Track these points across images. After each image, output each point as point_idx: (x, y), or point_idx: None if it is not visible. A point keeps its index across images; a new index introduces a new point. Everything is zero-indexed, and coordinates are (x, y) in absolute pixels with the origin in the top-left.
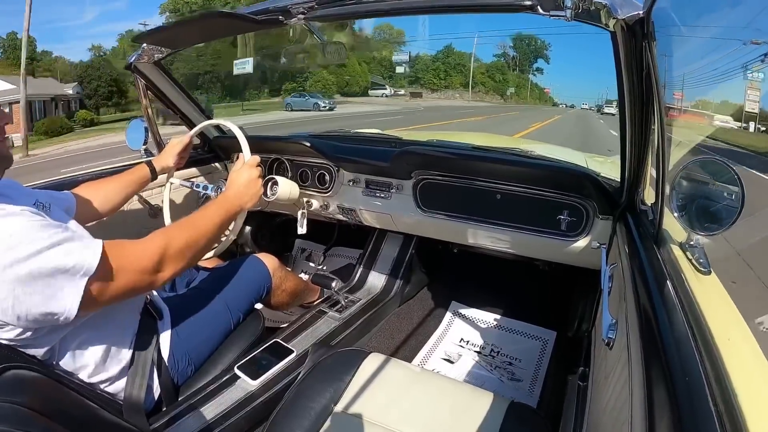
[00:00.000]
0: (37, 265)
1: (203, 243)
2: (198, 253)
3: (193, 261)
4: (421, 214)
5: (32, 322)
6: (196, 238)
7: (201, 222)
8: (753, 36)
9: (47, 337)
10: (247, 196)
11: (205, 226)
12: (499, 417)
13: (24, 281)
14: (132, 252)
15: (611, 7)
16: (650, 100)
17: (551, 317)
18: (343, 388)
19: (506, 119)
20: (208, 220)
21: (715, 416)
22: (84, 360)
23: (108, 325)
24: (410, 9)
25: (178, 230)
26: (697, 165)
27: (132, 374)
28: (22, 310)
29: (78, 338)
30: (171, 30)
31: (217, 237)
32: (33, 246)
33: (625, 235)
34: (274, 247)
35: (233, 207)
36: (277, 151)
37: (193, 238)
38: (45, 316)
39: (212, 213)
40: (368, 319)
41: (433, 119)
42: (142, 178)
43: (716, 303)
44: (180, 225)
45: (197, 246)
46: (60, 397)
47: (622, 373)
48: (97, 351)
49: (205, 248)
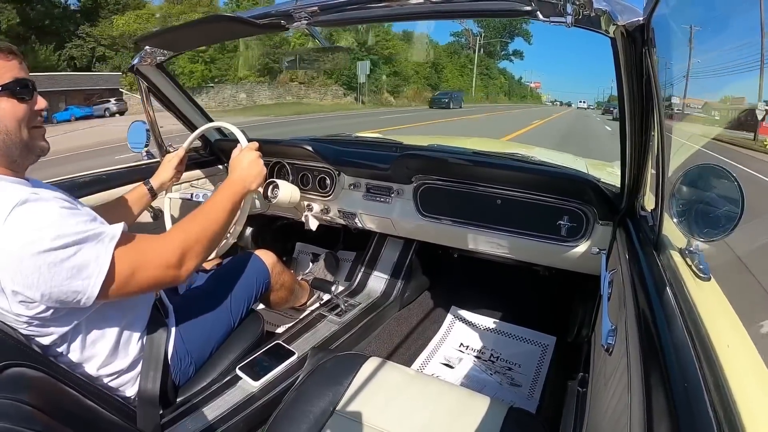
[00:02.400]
0: (65, 247)
1: (218, 231)
2: (215, 242)
3: (211, 250)
4: (422, 218)
5: (55, 301)
6: (211, 228)
7: (212, 211)
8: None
9: (63, 320)
10: (251, 176)
11: (216, 213)
12: (498, 422)
13: (51, 260)
14: (156, 246)
15: (611, 13)
16: (650, 106)
17: (551, 322)
18: (342, 391)
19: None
20: (219, 208)
21: (714, 423)
22: (94, 350)
23: (121, 317)
24: (411, 14)
25: (193, 223)
26: (696, 171)
27: (145, 368)
28: (47, 287)
29: (91, 327)
30: (174, 33)
31: (230, 222)
32: (64, 229)
33: (624, 240)
34: (275, 250)
35: (240, 189)
36: (278, 155)
37: (208, 227)
38: (67, 294)
39: (221, 199)
40: (368, 323)
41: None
42: (141, 199)
43: (716, 309)
44: (194, 218)
45: (214, 234)
46: (62, 395)
47: (622, 379)
48: (107, 342)
49: (220, 235)
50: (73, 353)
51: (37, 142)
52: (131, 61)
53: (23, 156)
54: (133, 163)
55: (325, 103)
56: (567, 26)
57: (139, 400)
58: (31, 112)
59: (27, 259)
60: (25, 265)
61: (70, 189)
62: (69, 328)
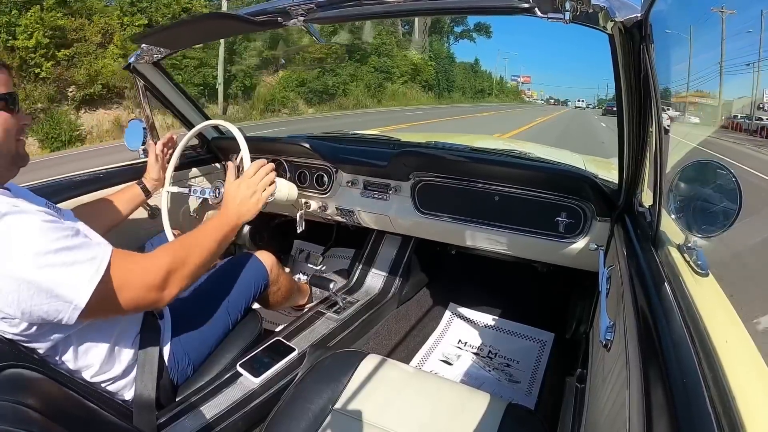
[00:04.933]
0: (46, 265)
1: (206, 260)
2: (201, 270)
3: (196, 278)
4: (420, 215)
5: (36, 318)
6: (199, 256)
7: (204, 239)
8: (751, 38)
9: (50, 335)
10: (245, 209)
11: (207, 243)
12: (496, 418)
13: (31, 279)
14: (140, 266)
15: (609, 9)
16: (648, 102)
17: (549, 319)
18: (341, 389)
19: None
20: (209, 238)
21: (713, 418)
22: (87, 360)
23: (112, 326)
24: (407, 11)
25: (182, 248)
26: (694, 167)
27: (140, 373)
28: (27, 305)
29: (82, 338)
30: (170, 30)
31: (219, 253)
32: (44, 246)
33: (622, 236)
34: (273, 247)
35: (234, 222)
36: (275, 152)
37: (197, 256)
38: (48, 314)
39: (212, 230)
40: (366, 320)
41: None
42: (135, 198)
43: (714, 305)
44: (183, 243)
45: (201, 262)
46: (60, 397)
47: (620, 375)
48: (101, 351)
49: (208, 264)
50: (66, 363)
51: (21, 153)
52: (128, 59)
53: (8, 168)
54: (131, 161)
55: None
56: (565, 22)
57: (136, 402)
58: (20, 125)
59: (5, 277)
60: (4, 283)
61: (67, 188)
62: (59, 340)
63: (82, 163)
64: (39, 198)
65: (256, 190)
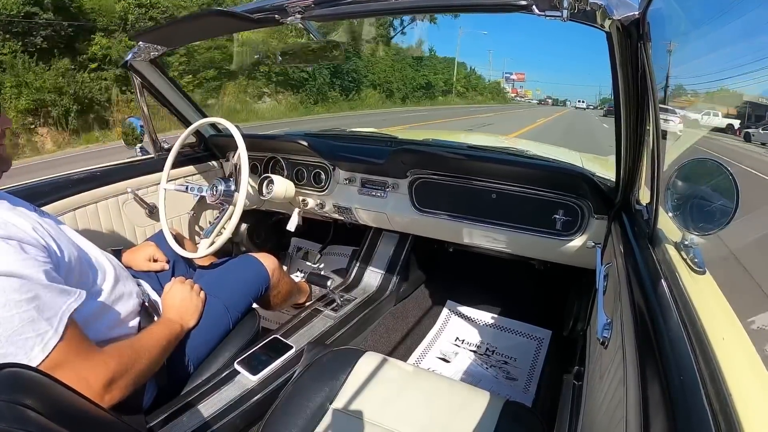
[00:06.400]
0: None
1: (152, 368)
2: (146, 376)
3: (139, 384)
4: (417, 213)
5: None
6: (146, 363)
7: (150, 345)
8: (748, 37)
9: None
10: (188, 313)
11: (155, 349)
12: (494, 416)
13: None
14: (88, 362)
15: (607, 7)
16: (645, 100)
17: (547, 316)
18: (338, 386)
19: None
20: (156, 344)
21: (709, 415)
22: None
23: (110, 325)
24: (405, 9)
25: (129, 355)
26: (691, 165)
27: None
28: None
29: None
30: (167, 28)
31: (163, 358)
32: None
33: (620, 234)
34: (270, 245)
35: (178, 329)
36: (272, 150)
37: (143, 363)
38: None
39: (159, 337)
40: (364, 317)
41: None
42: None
43: (711, 302)
44: (130, 349)
45: (145, 371)
46: (57, 396)
47: (617, 372)
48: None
49: (151, 371)
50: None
51: (4, 158)
52: (125, 57)
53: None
54: (127, 159)
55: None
56: (563, 20)
57: (134, 402)
58: (2, 130)
59: None
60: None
61: (63, 186)
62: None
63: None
64: (26, 203)
65: (191, 294)
